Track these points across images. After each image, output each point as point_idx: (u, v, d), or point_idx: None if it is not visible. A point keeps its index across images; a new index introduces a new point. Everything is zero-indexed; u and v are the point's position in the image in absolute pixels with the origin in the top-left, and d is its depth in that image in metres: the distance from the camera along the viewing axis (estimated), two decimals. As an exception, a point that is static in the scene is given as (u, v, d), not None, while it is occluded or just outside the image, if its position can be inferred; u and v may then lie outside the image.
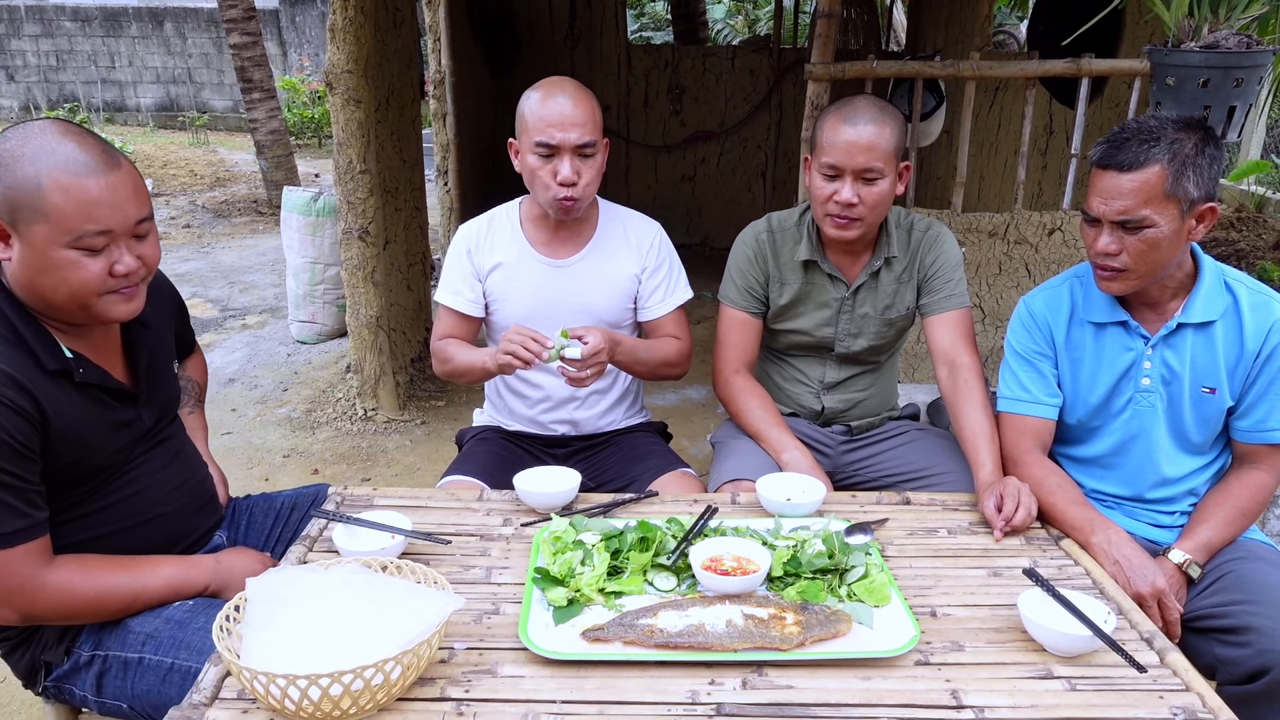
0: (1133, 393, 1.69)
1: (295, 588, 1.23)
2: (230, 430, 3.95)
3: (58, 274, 1.31)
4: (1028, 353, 1.79)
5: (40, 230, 1.28)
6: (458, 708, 1.16)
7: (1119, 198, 1.53)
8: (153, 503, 1.51)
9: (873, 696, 1.19)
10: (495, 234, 2.04)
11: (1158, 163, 1.50)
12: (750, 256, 2.03)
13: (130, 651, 1.40)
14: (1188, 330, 1.64)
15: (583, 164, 1.88)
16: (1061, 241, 3.57)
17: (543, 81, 1.92)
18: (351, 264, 3.87)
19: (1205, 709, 1.16)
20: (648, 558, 1.45)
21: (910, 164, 1.98)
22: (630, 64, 7.10)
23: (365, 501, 1.72)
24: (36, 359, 1.33)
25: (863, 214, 1.85)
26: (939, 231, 2.01)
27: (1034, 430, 1.76)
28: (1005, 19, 10.70)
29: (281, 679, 1.07)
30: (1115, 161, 1.53)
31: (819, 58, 3.32)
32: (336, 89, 3.63)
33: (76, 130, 1.33)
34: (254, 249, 7.08)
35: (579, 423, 2.11)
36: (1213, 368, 1.64)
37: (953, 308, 1.97)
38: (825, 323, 2.03)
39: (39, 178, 1.27)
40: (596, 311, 2.02)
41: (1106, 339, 1.71)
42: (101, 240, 1.32)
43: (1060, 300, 1.77)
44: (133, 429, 1.47)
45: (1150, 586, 1.48)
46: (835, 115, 1.86)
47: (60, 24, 12.10)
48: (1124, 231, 1.54)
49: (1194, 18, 1.91)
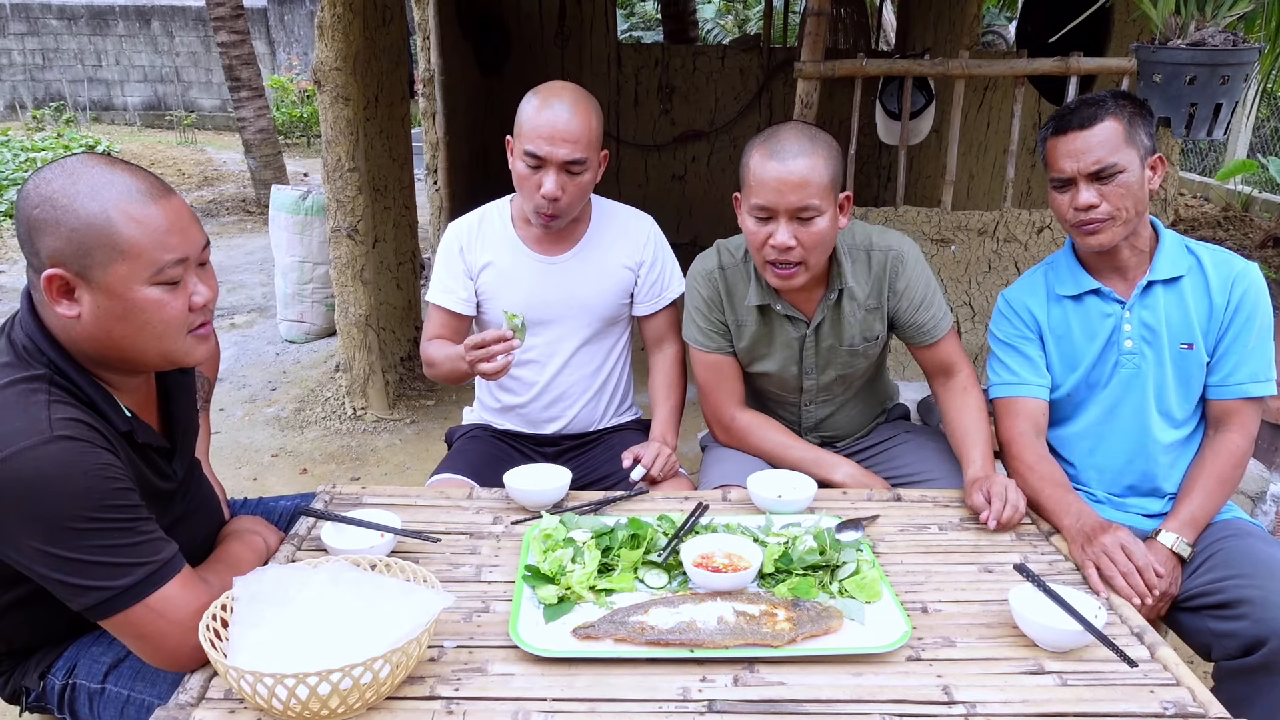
0: (1117, 356, 1.73)
1: (284, 586, 1.22)
2: (218, 430, 3.92)
3: (141, 318, 1.19)
4: (1010, 339, 1.81)
5: (119, 271, 1.16)
6: (447, 706, 1.15)
7: (1089, 151, 1.60)
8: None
9: (864, 692, 1.19)
10: (487, 231, 2.02)
11: (1111, 116, 1.61)
12: (706, 298, 1.90)
13: (94, 681, 1.37)
14: (1157, 287, 1.69)
15: (568, 180, 1.82)
16: (1051, 239, 3.58)
17: (545, 87, 1.85)
18: (340, 262, 3.85)
19: (1195, 703, 1.16)
20: (639, 555, 1.45)
21: (850, 194, 1.78)
22: (620, 63, 7.10)
23: (354, 500, 1.71)
24: (109, 421, 1.23)
25: (803, 257, 1.69)
26: (901, 252, 1.84)
27: (1026, 412, 1.77)
28: (994, 19, 10.74)
29: (269, 678, 1.06)
30: (1074, 123, 1.62)
31: (809, 56, 3.32)
32: (325, 86, 3.61)
33: (116, 159, 1.22)
34: (242, 248, 7.05)
35: (569, 420, 2.10)
36: (1186, 323, 1.69)
37: (939, 335, 1.88)
38: (790, 361, 1.92)
39: (107, 213, 1.15)
40: (591, 307, 2.01)
41: (1085, 309, 1.75)
42: (178, 271, 1.20)
43: (1036, 285, 1.82)
44: (169, 483, 1.37)
45: (1096, 535, 1.50)
46: (760, 150, 1.68)
47: (46, 22, 12.02)
48: (1099, 183, 1.61)
49: (1181, 15, 1.92)
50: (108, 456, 1.17)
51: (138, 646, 1.22)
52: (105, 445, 1.18)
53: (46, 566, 1.14)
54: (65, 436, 1.14)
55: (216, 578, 1.30)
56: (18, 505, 1.11)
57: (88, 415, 1.19)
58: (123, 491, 1.17)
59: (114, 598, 1.16)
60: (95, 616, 1.18)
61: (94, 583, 1.15)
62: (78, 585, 1.15)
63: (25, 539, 1.13)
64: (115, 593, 1.16)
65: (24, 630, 1.38)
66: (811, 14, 3.36)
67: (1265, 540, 1.62)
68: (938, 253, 3.61)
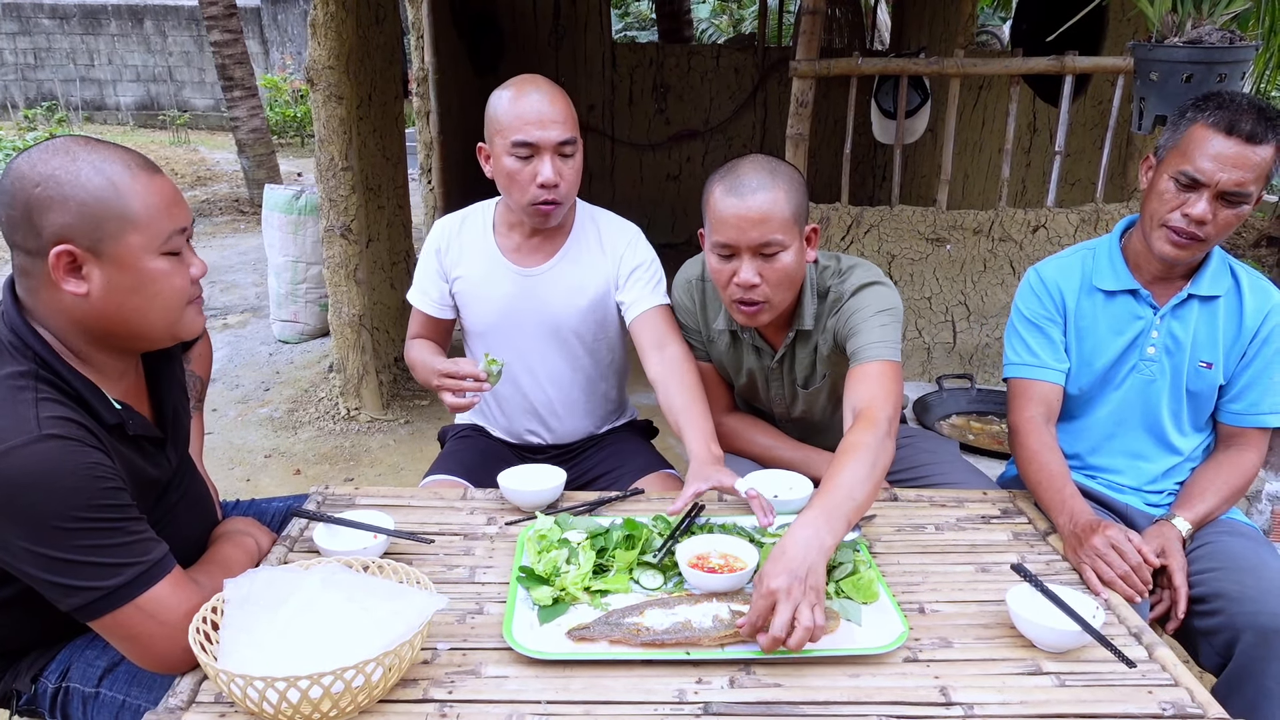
0: (1137, 360, 1.71)
1: (275, 588, 1.21)
2: (211, 430, 3.90)
3: (153, 288, 1.21)
4: (1036, 317, 1.76)
5: (133, 241, 1.17)
6: (441, 709, 1.14)
7: (1241, 168, 1.49)
8: (176, 552, 1.35)
9: (861, 694, 1.18)
10: (466, 235, 1.96)
11: (1274, 144, 1.49)
12: (684, 306, 1.88)
13: (88, 685, 1.35)
14: (1194, 302, 1.67)
15: (564, 164, 1.78)
16: (1046, 238, 3.58)
17: (512, 80, 1.81)
18: (334, 262, 3.83)
19: (1194, 704, 1.16)
20: (634, 556, 1.44)
21: (818, 227, 1.71)
22: (615, 62, 7.09)
23: (347, 501, 1.70)
24: (97, 416, 1.21)
25: (767, 295, 1.63)
26: (841, 292, 1.72)
27: (1041, 396, 1.74)
28: (988, 19, 10.75)
29: (260, 681, 1.05)
30: (1241, 130, 1.48)
31: (804, 54, 3.31)
32: (318, 85, 3.60)
33: (102, 140, 1.23)
34: (235, 248, 7.02)
35: (553, 434, 2.06)
36: (1212, 342, 1.67)
37: (862, 360, 1.62)
38: (758, 389, 1.91)
39: (115, 185, 1.16)
40: (565, 324, 1.94)
41: (1116, 307, 1.71)
42: (181, 240, 1.23)
43: (1072, 268, 1.76)
44: (163, 474, 1.36)
45: (1087, 536, 1.47)
46: (720, 185, 1.62)
47: (38, 21, 11.97)
48: (1222, 203, 1.52)
49: (1178, 13, 1.91)
50: (97, 455, 1.16)
51: (127, 648, 1.20)
52: (94, 444, 1.17)
53: (35, 566, 1.13)
54: (54, 435, 1.12)
55: (207, 579, 1.29)
56: (5, 505, 1.10)
57: (76, 413, 1.18)
58: (112, 491, 1.16)
59: (103, 598, 1.15)
60: (84, 617, 1.16)
61: (83, 583, 1.13)
62: (66, 585, 1.13)
63: (13, 538, 1.12)
64: (104, 593, 1.14)
65: (15, 632, 1.36)
66: (806, 12, 3.35)
67: (1255, 540, 1.63)
68: (933, 252, 3.61)
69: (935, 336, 3.70)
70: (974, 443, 2.56)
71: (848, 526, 1.33)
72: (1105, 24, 4.09)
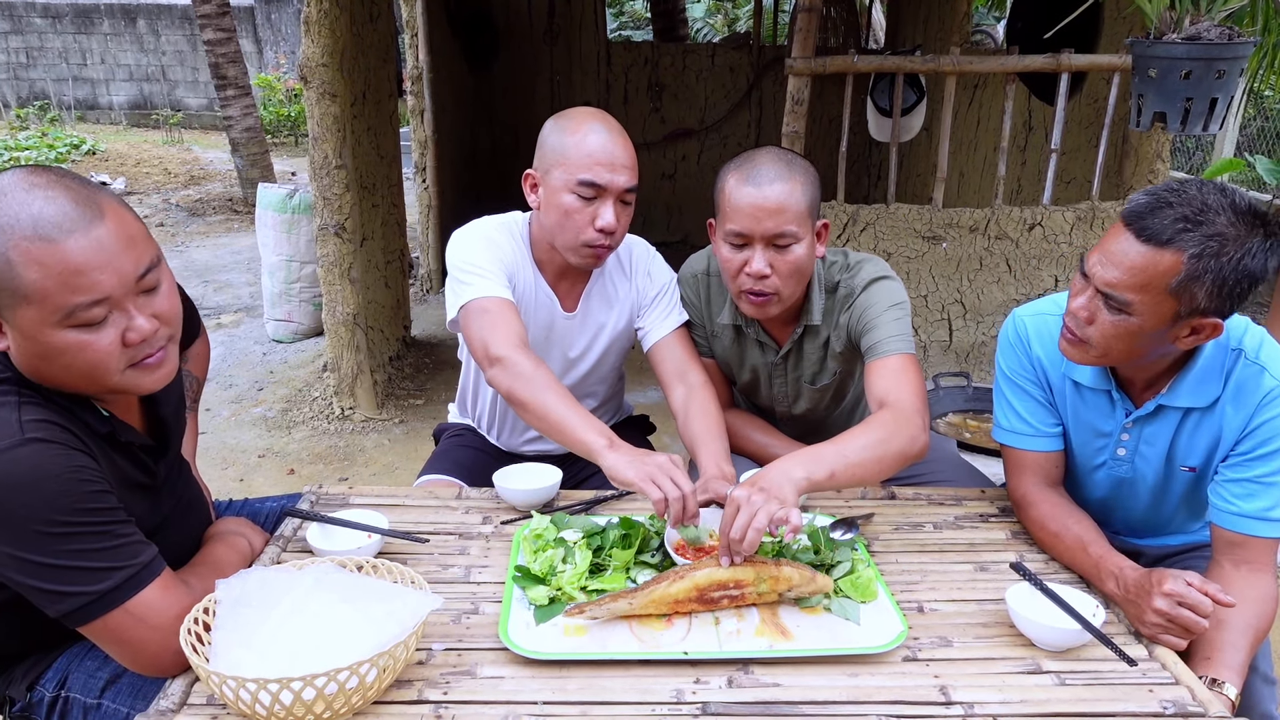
0: (1108, 458, 1.56)
1: (268, 588, 1.19)
2: (204, 430, 3.88)
3: (61, 360, 1.12)
4: (1017, 377, 1.60)
5: (27, 314, 1.08)
6: (436, 710, 1.13)
7: (1116, 268, 1.30)
8: (170, 558, 1.33)
9: (861, 693, 1.17)
10: (506, 247, 1.80)
11: (1178, 250, 1.25)
12: (689, 300, 1.87)
13: (90, 696, 1.33)
14: (1168, 411, 1.46)
15: (623, 211, 1.71)
16: (1042, 236, 3.58)
17: (578, 113, 1.72)
18: (328, 261, 3.81)
19: (1195, 702, 1.15)
20: (630, 554, 1.43)
21: (828, 222, 1.73)
22: (610, 61, 7.08)
23: (341, 500, 1.68)
24: (85, 425, 1.18)
25: (778, 286, 1.64)
26: (852, 287, 1.74)
27: (1037, 465, 1.58)
28: (983, 18, 10.75)
29: (251, 683, 1.03)
30: (1137, 225, 1.29)
31: (799, 52, 3.31)
32: (312, 83, 3.58)
33: (45, 178, 1.09)
34: (229, 247, 6.99)
35: (548, 446, 2.02)
36: (1192, 449, 1.47)
37: (881, 355, 1.65)
38: (763, 384, 1.89)
39: (7, 254, 1.05)
40: (584, 362, 1.91)
41: (1091, 397, 1.54)
42: (100, 311, 1.10)
43: (1053, 336, 1.53)
44: (156, 481, 1.33)
45: (1143, 599, 1.29)
46: (736, 174, 1.62)
47: (30, 20, 11.92)
48: (1104, 304, 1.34)
49: (1176, 10, 1.91)
50: (81, 459, 1.14)
51: (117, 652, 1.18)
52: (79, 447, 1.15)
53: (21, 573, 1.11)
54: (37, 439, 1.10)
55: (198, 580, 1.27)
56: None
57: (60, 417, 1.15)
58: (98, 494, 1.14)
59: (92, 603, 1.13)
60: (73, 623, 1.15)
61: (70, 588, 1.12)
62: (54, 591, 1.12)
63: None
64: (93, 598, 1.13)
65: (7, 638, 1.34)
66: (802, 10, 3.35)
67: None
68: (929, 250, 3.60)
69: (931, 334, 3.70)
70: (971, 441, 2.56)
71: (829, 475, 1.40)
72: (1100, 22, 4.09)
